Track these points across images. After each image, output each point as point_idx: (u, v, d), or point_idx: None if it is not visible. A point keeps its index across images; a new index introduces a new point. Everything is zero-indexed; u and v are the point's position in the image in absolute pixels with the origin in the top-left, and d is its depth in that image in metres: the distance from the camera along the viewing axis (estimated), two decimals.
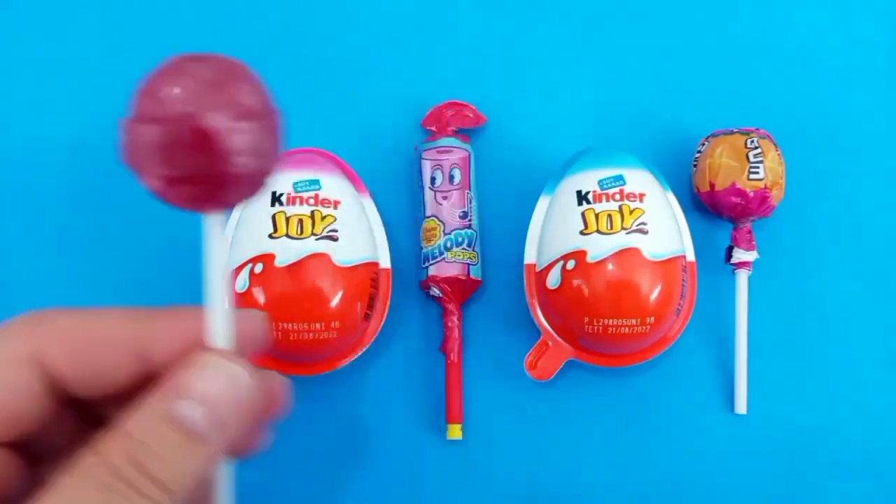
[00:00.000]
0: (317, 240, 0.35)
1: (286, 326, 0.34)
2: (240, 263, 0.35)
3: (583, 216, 0.36)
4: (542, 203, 0.38)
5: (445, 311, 0.39)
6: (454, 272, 0.38)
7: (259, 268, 0.35)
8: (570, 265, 0.35)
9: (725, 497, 0.38)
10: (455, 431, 0.37)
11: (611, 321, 0.35)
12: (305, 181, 0.36)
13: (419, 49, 0.43)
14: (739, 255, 0.38)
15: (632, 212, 0.36)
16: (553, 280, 0.36)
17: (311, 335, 0.35)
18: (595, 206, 0.36)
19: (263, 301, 0.34)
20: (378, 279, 0.37)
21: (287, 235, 0.35)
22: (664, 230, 0.36)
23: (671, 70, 0.43)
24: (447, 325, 0.38)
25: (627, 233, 0.35)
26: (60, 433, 0.25)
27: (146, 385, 0.22)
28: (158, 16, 0.43)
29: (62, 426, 0.25)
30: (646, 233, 0.35)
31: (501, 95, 0.42)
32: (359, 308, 0.36)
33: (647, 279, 0.35)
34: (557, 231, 0.37)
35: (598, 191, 0.36)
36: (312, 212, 0.36)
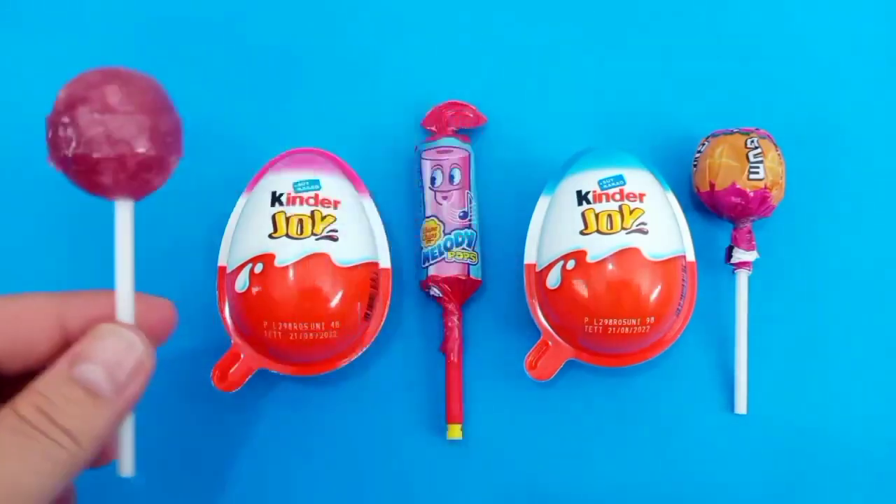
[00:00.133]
0: (317, 240, 0.35)
1: (286, 326, 0.34)
2: (240, 263, 0.35)
3: (583, 216, 0.36)
4: (542, 203, 0.38)
5: (445, 311, 0.39)
6: (454, 272, 0.38)
7: (259, 268, 0.35)
8: (570, 265, 0.35)
9: (725, 497, 0.38)
10: (455, 431, 0.37)
11: (611, 321, 0.35)
12: (305, 181, 0.36)
13: (419, 49, 0.43)
14: (739, 255, 0.38)
15: (632, 212, 0.36)
16: (553, 280, 0.36)
17: (311, 335, 0.34)
18: (595, 206, 0.36)
19: (263, 301, 0.34)
20: (378, 279, 0.37)
21: (287, 235, 0.35)
22: (664, 230, 0.36)
23: (671, 70, 0.43)
24: (447, 325, 0.38)
25: (627, 233, 0.35)
26: None
27: None
28: (159, 16, 0.43)
29: None
30: (646, 233, 0.35)
31: (501, 95, 0.42)
32: (359, 308, 0.36)
33: (647, 279, 0.35)
34: (557, 231, 0.37)
35: (598, 191, 0.36)
36: (312, 212, 0.36)
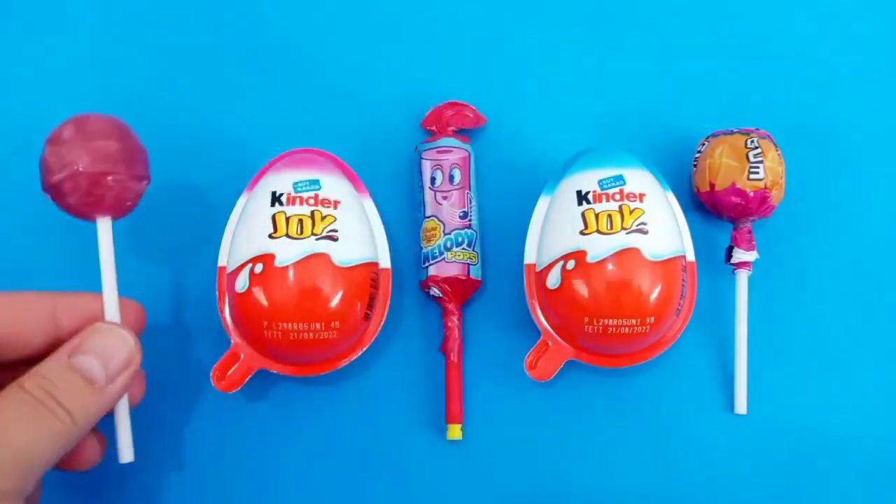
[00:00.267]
0: (317, 240, 0.35)
1: (286, 326, 0.34)
2: (240, 263, 0.35)
3: (583, 216, 0.36)
4: (542, 203, 0.38)
5: (445, 311, 0.39)
6: (454, 272, 0.38)
7: (259, 268, 0.35)
8: (570, 265, 0.35)
9: (725, 497, 0.38)
10: (455, 431, 0.37)
11: (611, 321, 0.35)
12: (305, 181, 0.36)
13: (419, 49, 0.43)
14: (739, 255, 0.38)
15: (632, 212, 0.36)
16: (553, 280, 0.36)
17: (311, 335, 0.34)
18: (595, 206, 0.36)
19: (264, 301, 0.34)
20: (378, 279, 0.37)
21: (287, 235, 0.35)
22: (664, 230, 0.36)
23: (671, 70, 0.43)
24: (447, 325, 0.38)
25: (627, 233, 0.35)
26: None
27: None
28: (159, 16, 0.43)
29: None
30: (646, 233, 0.35)
31: (501, 95, 0.42)
32: (359, 308, 0.36)
33: (647, 279, 0.35)
34: (557, 231, 0.37)
35: (598, 191, 0.36)
36: (312, 212, 0.36)
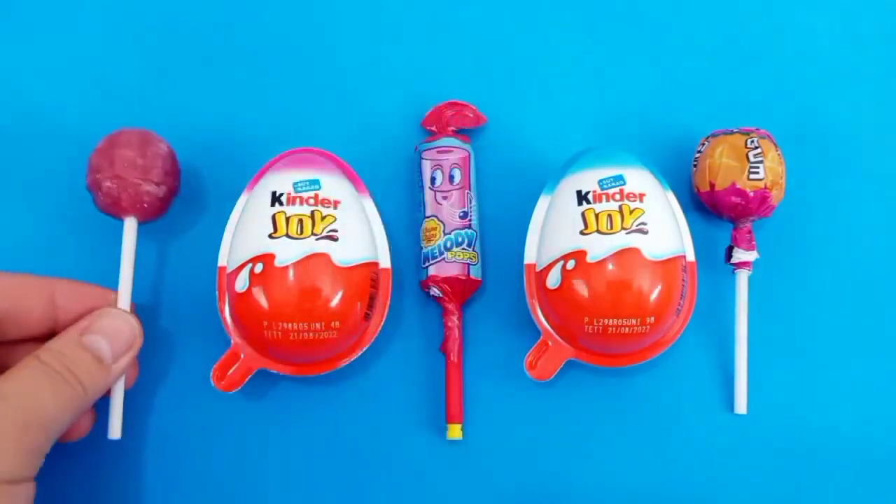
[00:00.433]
0: (317, 240, 0.35)
1: (286, 326, 0.34)
2: (240, 263, 0.35)
3: (583, 216, 0.36)
4: (542, 203, 0.38)
5: (445, 311, 0.39)
6: (454, 272, 0.38)
7: (259, 268, 0.35)
8: (570, 265, 0.35)
9: (725, 497, 0.38)
10: (455, 431, 0.37)
11: (611, 321, 0.35)
12: (305, 181, 0.36)
13: (419, 49, 0.43)
14: (739, 255, 0.38)
15: (632, 212, 0.36)
16: (553, 280, 0.36)
17: (311, 335, 0.34)
18: (595, 206, 0.36)
19: (264, 301, 0.34)
20: (378, 279, 0.37)
21: (287, 235, 0.35)
22: (664, 230, 0.36)
23: (671, 70, 0.43)
24: (447, 325, 0.38)
25: (627, 233, 0.35)
26: None
27: (48, 338, 0.32)
28: (159, 16, 0.43)
29: None
30: (646, 233, 0.35)
31: (501, 95, 0.42)
32: (359, 308, 0.36)
33: (647, 279, 0.35)
34: (557, 231, 0.37)
35: (598, 191, 0.36)
36: (312, 212, 0.36)
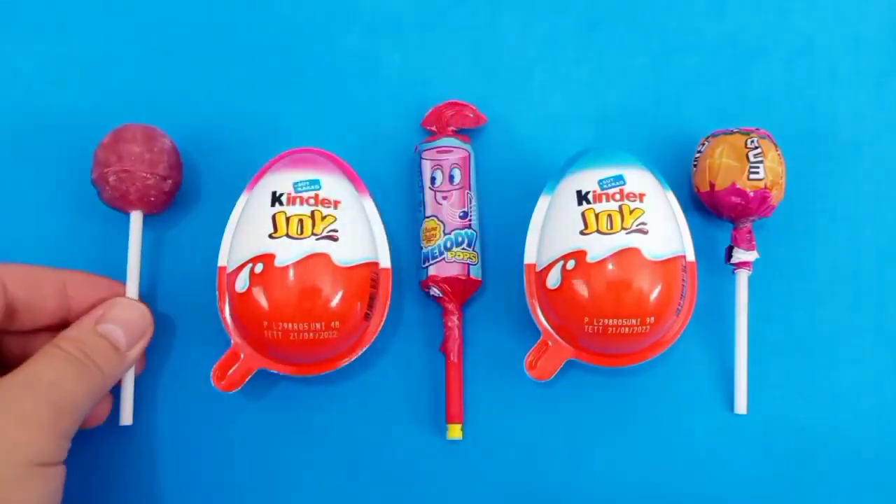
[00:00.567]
0: (317, 240, 0.35)
1: (286, 326, 0.34)
2: (240, 263, 0.35)
3: (583, 216, 0.36)
4: (542, 203, 0.38)
5: (445, 311, 0.39)
6: (454, 272, 0.38)
7: (259, 268, 0.35)
8: (570, 265, 0.35)
9: (725, 497, 0.38)
10: (455, 431, 0.37)
11: (611, 321, 0.35)
12: (305, 181, 0.36)
13: (419, 49, 0.43)
14: (739, 255, 0.38)
15: (632, 212, 0.36)
16: (553, 280, 0.36)
17: (311, 335, 0.34)
18: (595, 206, 0.36)
19: (264, 301, 0.34)
20: (378, 279, 0.37)
21: (287, 235, 0.35)
22: (664, 230, 0.36)
23: (671, 70, 0.43)
24: (447, 325, 0.38)
25: (627, 233, 0.35)
26: None
27: (61, 328, 0.33)
28: (159, 16, 0.43)
29: None
30: (646, 233, 0.35)
31: (501, 95, 0.42)
32: (359, 308, 0.36)
33: (647, 279, 0.35)
34: (557, 231, 0.37)
35: (598, 191, 0.36)
36: (312, 212, 0.36)
